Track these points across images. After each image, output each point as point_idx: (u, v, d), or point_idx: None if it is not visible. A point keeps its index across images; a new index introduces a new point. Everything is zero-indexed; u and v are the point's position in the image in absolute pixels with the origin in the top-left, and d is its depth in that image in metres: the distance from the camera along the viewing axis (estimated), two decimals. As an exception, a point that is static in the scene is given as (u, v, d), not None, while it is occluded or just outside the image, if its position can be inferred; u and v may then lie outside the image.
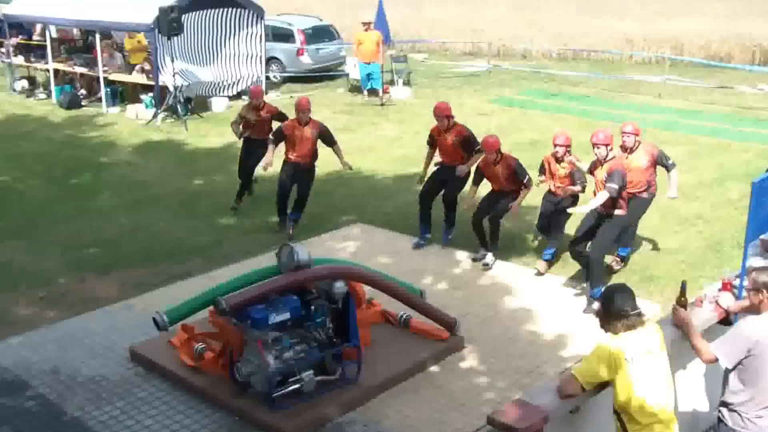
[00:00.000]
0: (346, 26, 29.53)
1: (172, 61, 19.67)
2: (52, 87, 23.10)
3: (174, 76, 19.82)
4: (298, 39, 24.87)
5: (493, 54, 29.14)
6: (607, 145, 9.71)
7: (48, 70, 23.56)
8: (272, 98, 21.90)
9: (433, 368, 8.51)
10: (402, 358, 8.50)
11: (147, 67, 21.09)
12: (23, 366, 8.67)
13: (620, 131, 10.65)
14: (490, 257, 11.13)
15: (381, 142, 18.09)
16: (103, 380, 8.38)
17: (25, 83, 24.32)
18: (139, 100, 21.37)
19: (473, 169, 11.50)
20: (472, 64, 28.58)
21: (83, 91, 22.84)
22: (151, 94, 20.75)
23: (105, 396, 8.09)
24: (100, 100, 22.00)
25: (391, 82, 23.59)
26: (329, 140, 12.42)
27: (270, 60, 24.20)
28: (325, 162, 13.10)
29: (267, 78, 23.26)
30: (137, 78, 21.42)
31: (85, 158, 17.11)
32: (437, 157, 11.99)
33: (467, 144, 11.61)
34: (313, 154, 12.40)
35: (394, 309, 9.15)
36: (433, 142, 11.97)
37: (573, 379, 5.42)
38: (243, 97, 21.56)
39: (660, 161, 10.76)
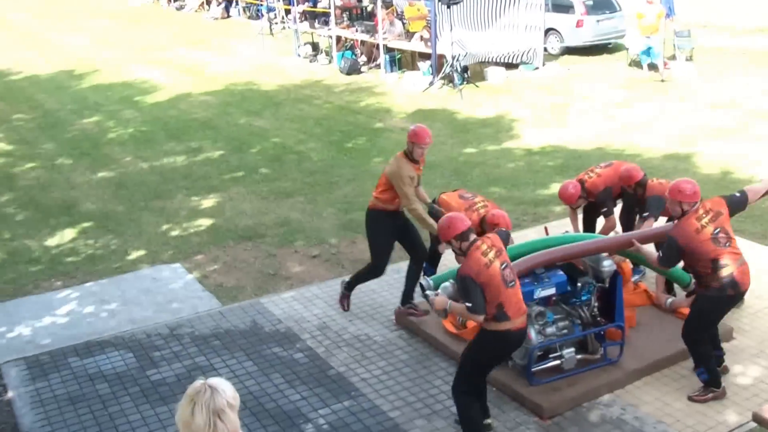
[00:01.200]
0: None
1: (451, 29, 19.83)
2: (334, 53, 23.96)
3: (452, 44, 19.98)
4: (579, 10, 24.23)
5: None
6: None
7: (330, 37, 24.47)
8: (552, 71, 21.69)
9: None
10: (666, 343, 8.15)
11: (426, 35, 21.38)
12: (295, 319, 9.12)
13: None
14: None
15: (658, 119, 17.36)
16: (367, 340, 8.63)
17: (308, 49, 25.34)
18: (416, 68, 21.74)
19: None
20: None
21: (363, 58, 23.51)
22: (428, 62, 21.04)
23: (369, 355, 8.34)
24: (378, 66, 22.59)
25: (673, 58, 22.54)
26: None
27: (548, 31, 23.80)
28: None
29: (545, 50, 22.90)
30: (416, 46, 21.79)
31: (362, 123, 17.63)
32: None
33: None
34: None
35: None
36: None
37: None
38: (520, 67, 21.41)
39: None
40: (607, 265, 7.68)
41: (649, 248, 7.74)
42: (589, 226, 10.00)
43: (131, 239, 11.82)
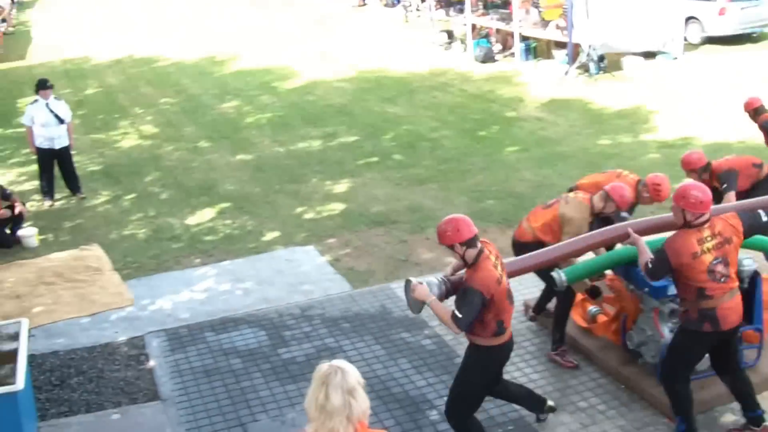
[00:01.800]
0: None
1: (587, 17, 19.57)
2: (469, 41, 23.94)
3: (588, 33, 19.71)
4: (722, -3, 23.46)
5: None
6: None
7: (465, 25, 24.47)
8: (692, 61, 21.17)
9: None
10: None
11: (562, 23, 21.15)
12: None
13: None
14: None
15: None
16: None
17: (443, 37, 25.38)
18: (551, 57, 21.54)
19: None
20: None
21: (498, 46, 23.42)
22: (564, 51, 20.81)
23: (496, 344, 8.35)
24: (513, 55, 22.47)
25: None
26: None
27: (688, 19, 23.13)
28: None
29: (684, 39, 22.29)
30: (552, 34, 21.57)
31: (495, 112, 17.61)
32: None
33: None
34: None
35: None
36: None
37: None
38: (658, 57, 20.96)
39: None
40: (747, 264, 7.31)
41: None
42: None
43: (267, 221, 12.18)
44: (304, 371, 8.01)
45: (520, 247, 8.08)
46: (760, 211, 6.61)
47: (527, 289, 9.15)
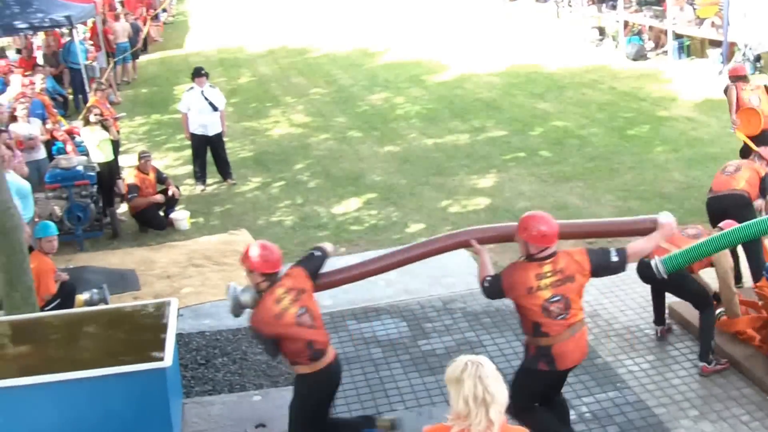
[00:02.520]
0: None
1: (744, 16, 18.86)
2: (621, 38, 23.44)
3: (745, 32, 19.00)
4: None
5: None
6: None
7: (618, 21, 23.97)
8: None
9: None
10: None
11: (717, 21, 20.46)
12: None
13: None
14: None
15: None
16: (638, 331, 8.50)
17: (595, 33, 24.94)
18: (705, 55, 20.88)
19: None
20: None
21: (650, 43, 22.86)
22: (719, 50, 20.14)
23: (638, 347, 8.21)
24: (666, 53, 21.88)
25: None
26: None
27: None
28: None
29: None
30: (706, 32, 20.90)
31: (646, 110, 17.20)
32: None
33: None
34: None
35: None
36: None
37: None
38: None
39: None
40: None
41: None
42: None
43: (412, 212, 12.29)
44: (444, 364, 8.00)
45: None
46: (611, 249, 6.16)
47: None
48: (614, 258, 6.13)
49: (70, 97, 20.98)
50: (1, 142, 10.45)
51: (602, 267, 6.15)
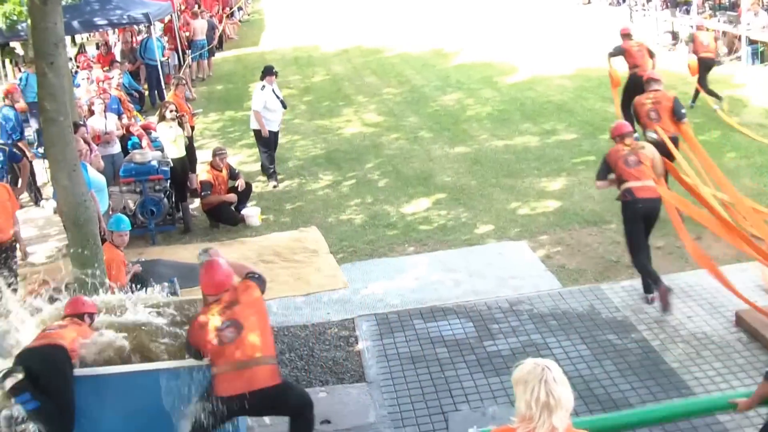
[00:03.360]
0: None
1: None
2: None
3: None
4: None
5: None
6: None
7: (691, 26, 23.65)
8: None
9: None
10: None
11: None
12: (633, 309, 9.14)
13: None
14: None
15: None
16: (704, 338, 8.46)
17: (668, 37, 24.68)
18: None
19: None
20: None
21: (724, 48, 22.52)
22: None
23: (704, 354, 8.17)
24: (739, 58, 21.55)
25: None
26: None
27: None
28: None
29: None
30: (783, 37, 20.57)
31: (716, 116, 16.92)
32: None
33: None
34: None
35: None
36: None
37: None
38: None
39: None
40: None
41: None
42: None
43: (481, 213, 12.36)
44: (509, 365, 8.08)
45: None
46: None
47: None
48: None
49: (146, 93, 21.45)
50: (79, 136, 10.76)
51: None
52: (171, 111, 13.19)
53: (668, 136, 11.29)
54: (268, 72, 14.46)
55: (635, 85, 14.47)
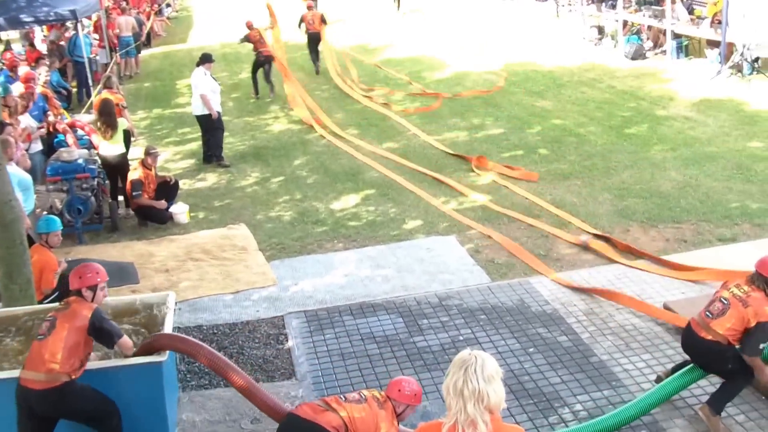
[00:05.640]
0: None
1: (743, 16, 18.87)
2: (620, 37, 23.47)
3: (744, 33, 19.01)
4: None
5: None
6: None
7: (617, 21, 24.00)
8: None
9: None
10: None
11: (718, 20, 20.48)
12: (562, 302, 9.18)
13: None
14: None
15: None
16: (633, 330, 8.54)
17: (594, 32, 25.00)
18: (704, 55, 20.91)
19: None
20: None
21: (649, 43, 22.89)
22: (717, 50, 20.16)
23: (633, 346, 8.24)
24: (664, 52, 21.91)
25: None
26: None
27: None
28: None
29: None
30: (705, 32, 20.91)
31: (644, 109, 17.24)
32: None
33: None
34: None
35: None
36: None
37: None
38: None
39: None
40: None
41: None
42: None
43: (409, 209, 12.32)
44: (439, 360, 8.11)
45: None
46: None
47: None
48: None
49: (74, 90, 21.03)
50: (6, 135, 10.49)
51: None
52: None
53: None
54: (207, 59, 15.10)
55: None
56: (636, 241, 10.63)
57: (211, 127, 15.08)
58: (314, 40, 22.74)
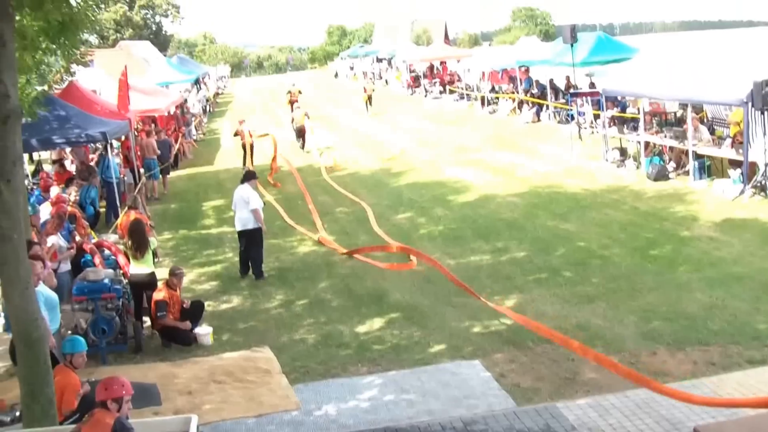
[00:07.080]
0: None
1: (764, 135, 19.04)
2: (642, 158, 23.67)
3: (765, 152, 19.14)
4: None
5: None
6: None
7: (639, 142, 24.26)
8: None
9: None
10: None
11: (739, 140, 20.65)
12: (589, 427, 9.03)
13: None
14: None
15: None
16: None
17: (616, 154, 25.22)
18: (726, 175, 21.02)
19: None
20: None
21: (672, 164, 23.06)
22: (739, 170, 20.27)
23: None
24: (687, 173, 22.05)
25: None
26: None
27: None
28: None
29: None
30: (727, 152, 21.07)
31: (668, 230, 17.25)
32: None
33: None
34: None
35: None
36: None
37: None
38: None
39: None
40: None
41: None
42: None
43: (434, 332, 12.29)
44: (465, 487, 7.97)
45: None
46: None
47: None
48: None
49: (101, 210, 21.36)
50: (34, 255, 10.66)
51: None
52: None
53: None
54: (251, 176, 16.18)
55: None
56: (664, 363, 10.51)
57: (255, 243, 15.55)
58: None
